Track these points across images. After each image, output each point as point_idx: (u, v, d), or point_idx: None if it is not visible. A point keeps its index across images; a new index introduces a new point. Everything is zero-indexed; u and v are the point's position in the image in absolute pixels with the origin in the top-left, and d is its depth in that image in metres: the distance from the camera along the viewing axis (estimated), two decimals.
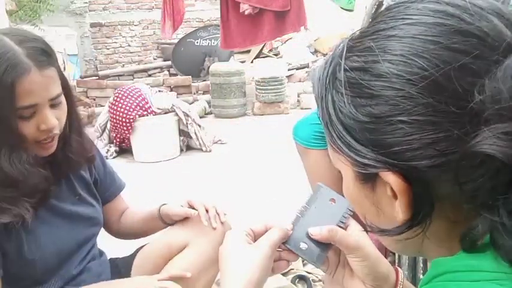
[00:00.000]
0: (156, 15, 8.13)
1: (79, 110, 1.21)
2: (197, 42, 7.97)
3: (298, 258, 0.71)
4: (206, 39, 7.98)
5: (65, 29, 8.08)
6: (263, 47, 6.60)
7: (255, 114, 5.77)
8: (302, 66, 7.30)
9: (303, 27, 4.92)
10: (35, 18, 6.57)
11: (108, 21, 9.03)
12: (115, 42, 9.17)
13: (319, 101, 0.50)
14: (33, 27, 6.16)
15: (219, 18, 5.13)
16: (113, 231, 1.44)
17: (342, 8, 5.20)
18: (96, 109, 5.15)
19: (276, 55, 7.97)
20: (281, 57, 7.66)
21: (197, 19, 9.23)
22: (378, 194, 0.48)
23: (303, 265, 1.91)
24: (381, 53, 0.43)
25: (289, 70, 6.75)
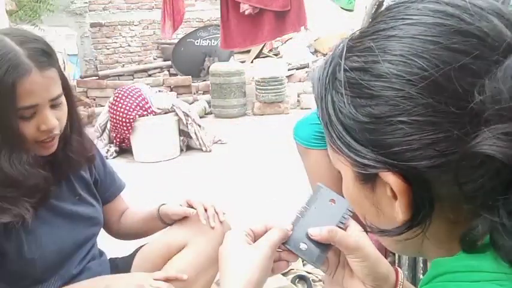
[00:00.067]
0: (156, 15, 8.14)
1: (79, 110, 1.21)
2: (197, 42, 7.97)
3: (298, 259, 0.71)
4: (206, 39, 7.99)
5: (65, 29, 8.08)
6: (263, 47, 6.60)
7: (255, 114, 5.77)
8: (302, 66, 7.30)
9: (303, 27, 4.92)
10: (35, 18, 6.57)
11: (108, 21, 9.03)
12: (115, 42, 9.18)
13: (318, 101, 0.50)
14: (33, 27, 6.16)
15: (219, 18, 5.13)
16: (112, 231, 1.44)
17: (342, 8, 5.20)
18: (96, 109, 5.16)
19: (276, 55, 7.97)
20: (281, 57, 7.66)
21: (197, 19, 9.23)
22: (378, 194, 0.48)
23: (303, 265, 1.91)
24: (380, 53, 0.43)
25: (289, 70, 6.75)
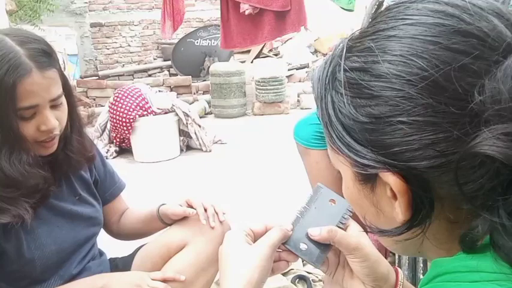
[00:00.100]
0: (156, 15, 8.14)
1: (80, 110, 1.21)
2: (197, 42, 7.98)
3: (298, 259, 0.71)
4: (206, 39, 7.99)
5: (65, 29, 8.08)
6: (263, 47, 6.59)
7: (255, 114, 5.77)
8: (302, 66, 7.31)
9: (303, 27, 4.92)
10: (35, 18, 6.56)
11: (108, 21, 9.03)
12: (115, 42, 9.18)
13: (318, 101, 0.50)
14: (33, 27, 6.16)
15: (219, 18, 5.14)
16: (112, 232, 1.44)
17: (342, 8, 5.21)
18: (96, 109, 5.15)
19: (276, 55, 7.97)
20: (281, 57, 7.66)
21: (197, 19, 9.23)
22: (378, 194, 0.48)
23: (303, 265, 1.90)
24: (380, 54, 0.43)
25: (289, 70, 6.75)
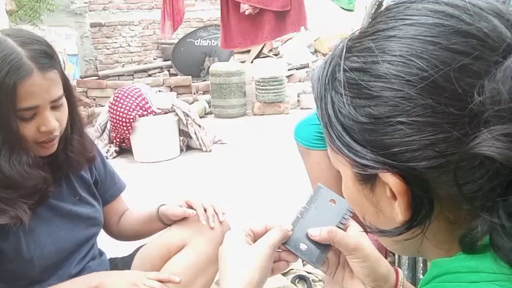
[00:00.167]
0: (156, 15, 8.14)
1: (80, 110, 1.21)
2: (197, 42, 7.98)
3: (298, 259, 0.71)
4: (206, 39, 7.99)
5: (65, 29, 8.08)
6: (263, 47, 6.60)
7: (255, 114, 5.77)
8: (302, 66, 7.31)
9: (303, 27, 4.92)
10: (35, 18, 6.56)
11: (108, 21, 9.03)
12: (115, 42, 9.18)
13: (318, 101, 0.50)
14: (33, 27, 6.16)
15: (219, 18, 5.14)
16: (112, 232, 1.44)
17: (342, 8, 5.21)
18: (96, 109, 5.15)
19: (276, 55, 7.97)
20: (281, 57, 7.66)
21: (197, 19, 9.23)
22: (377, 194, 0.48)
23: (303, 265, 1.90)
24: (380, 54, 0.43)
25: (289, 70, 6.75)
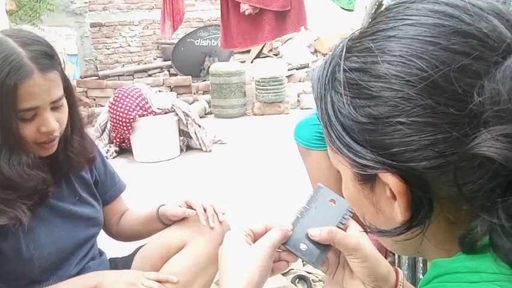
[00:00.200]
0: (156, 15, 8.13)
1: (80, 110, 1.21)
2: (197, 42, 7.98)
3: (298, 259, 0.71)
4: (206, 39, 7.99)
5: (65, 29, 8.08)
6: (263, 47, 6.60)
7: (255, 114, 5.77)
8: (302, 66, 7.30)
9: (303, 27, 4.92)
10: (35, 18, 6.56)
11: (108, 21, 9.03)
12: (115, 42, 9.18)
13: (318, 101, 0.50)
14: (33, 27, 6.16)
15: (219, 18, 5.14)
16: (112, 233, 1.44)
17: (342, 8, 5.21)
18: (96, 109, 5.15)
19: (276, 55, 7.97)
20: (281, 57, 7.66)
21: (197, 19, 9.23)
22: (377, 194, 0.48)
23: (303, 265, 1.90)
24: (380, 54, 0.43)
25: (289, 70, 6.75)
